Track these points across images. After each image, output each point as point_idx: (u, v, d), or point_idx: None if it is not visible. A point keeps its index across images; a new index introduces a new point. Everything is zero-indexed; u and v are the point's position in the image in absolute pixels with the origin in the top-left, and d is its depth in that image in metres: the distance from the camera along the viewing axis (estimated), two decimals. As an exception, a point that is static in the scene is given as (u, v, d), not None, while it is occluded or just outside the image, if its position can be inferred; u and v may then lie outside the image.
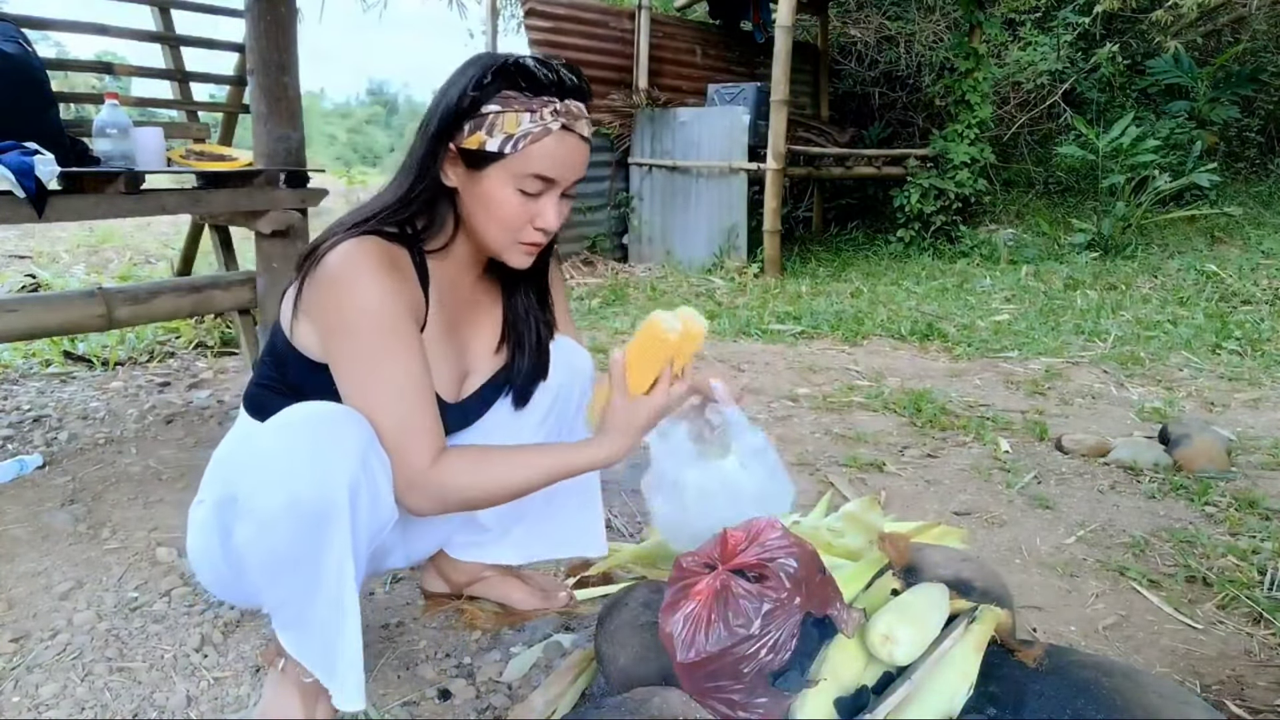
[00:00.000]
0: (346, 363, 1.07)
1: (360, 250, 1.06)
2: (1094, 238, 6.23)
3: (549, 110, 1.07)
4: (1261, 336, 3.86)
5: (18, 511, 1.91)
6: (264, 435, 1.04)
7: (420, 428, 1.06)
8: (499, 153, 1.08)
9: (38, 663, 1.37)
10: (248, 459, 1.05)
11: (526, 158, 1.08)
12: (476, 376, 1.29)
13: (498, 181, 1.09)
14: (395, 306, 1.06)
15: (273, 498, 0.98)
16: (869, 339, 4.01)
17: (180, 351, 3.37)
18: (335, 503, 0.98)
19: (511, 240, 1.14)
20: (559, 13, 6.23)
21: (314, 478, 0.98)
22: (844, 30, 8.97)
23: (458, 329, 1.25)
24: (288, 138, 2.62)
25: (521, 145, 1.07)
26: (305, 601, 1.03)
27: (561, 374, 1.38)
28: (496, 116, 1.07)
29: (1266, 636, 1.50)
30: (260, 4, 2.53)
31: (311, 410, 1.03)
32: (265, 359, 1.22)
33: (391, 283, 1.07)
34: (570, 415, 1.42)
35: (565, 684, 1.27)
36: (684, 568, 1.08)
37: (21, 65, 2.21)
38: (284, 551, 1.00)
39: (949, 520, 1.96)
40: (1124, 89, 8.18)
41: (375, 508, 1.03)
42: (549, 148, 1.08)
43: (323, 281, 1.06)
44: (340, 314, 1.05)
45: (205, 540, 1.18)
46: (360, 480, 1.00)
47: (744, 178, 5.99)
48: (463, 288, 1.24)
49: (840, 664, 1.06)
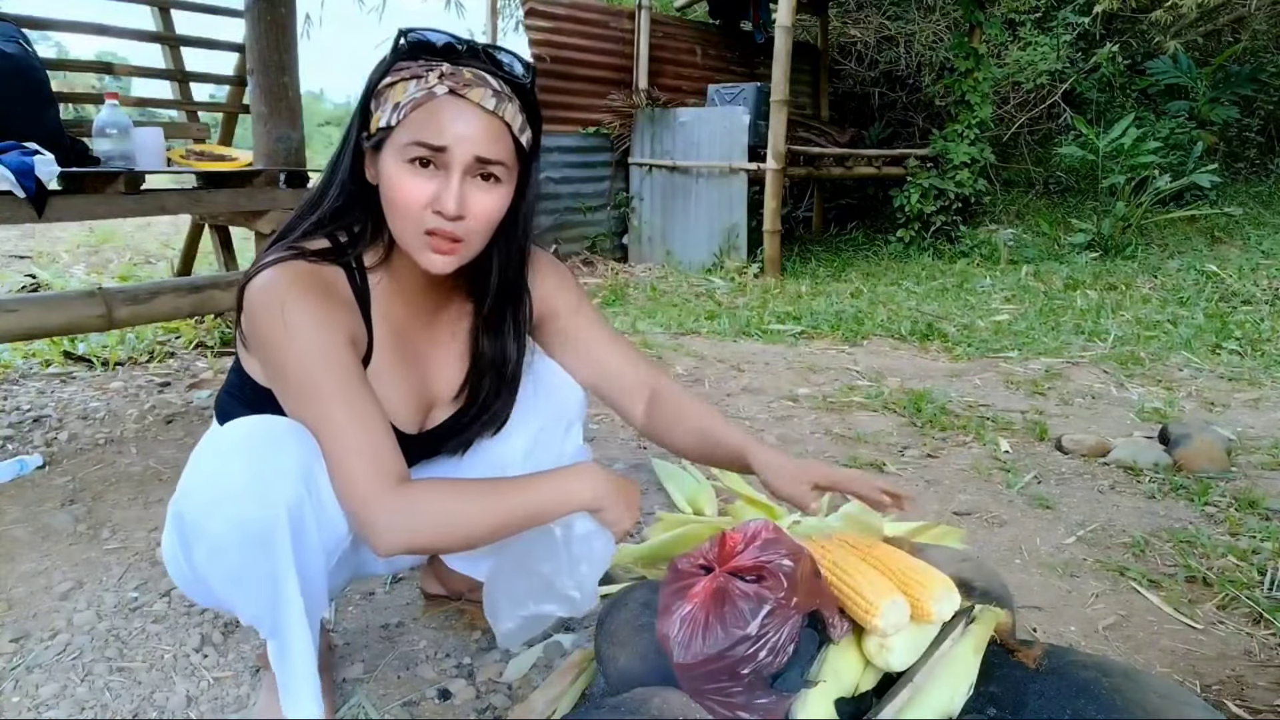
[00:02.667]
0: (284, 399, 1.01)
1: (281, 279, 0.99)
2: (1094, 238, 6.23)
3: (435, 74, 0.97)
4: (1261, 336, 3.86)
5: (18, 511, 1.91)
6: (208, 454, 1.01)
7: (364, 459, 0.96)
8: (389, 126, 0.98)
9: (38, 663, 1.37)
10: (195, 477, 1.01)
11: (408, 124, 0.97)
12: (441, 409, 1.18)
13: (390, 158, 0.99)
14: (324, 336, 0.98)
15: (218, 521, 0.95)
16: (869, 339, 4.01)
17: (180, 351, 3.37)
18: (277, 522, 0.95)
19: (415, 231, 0.99)
20: (559, 13, 6.23)
21: (254, 499, 0.94)
22: (844, 30, 8.98)
23: (416, 353, 1.14)
24: (288, 138, 2.62)
25: (405, 113, 0.97)
26: (271, 613, 1.01)
27: (547, 409, 1.28)
28: (388, 89, 0.99)
29: (1266, 636, 1.50)
30: (260, 4, 2.53)
31: (253, 427, 0.99)
32: (235, 367, 1.17)
33: (317, 310, 0.98)
34: (554, 450, 1.30)
35: (565, 684, 1.27)
36: (679, 570, 1.08)
37: (21, 65, 2.21)
38: (239, 571, 0.98)
39: (949, 520, 1.96)
40: (1124, 89, 8.18)
41: (324, 521, 1.00)
42: (432, 111, 0.96)
43: (250, 313, 1.00)
44: (267, 351, 0.99)
45: (173, 551, 1.13)
46: (303, 497, 0.96)
47: (744, 178, 5.99)
48: (417, 306, 1.13)
49: (840, 665, 1.06)
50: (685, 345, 3.83)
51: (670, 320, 4.39)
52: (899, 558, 1.17)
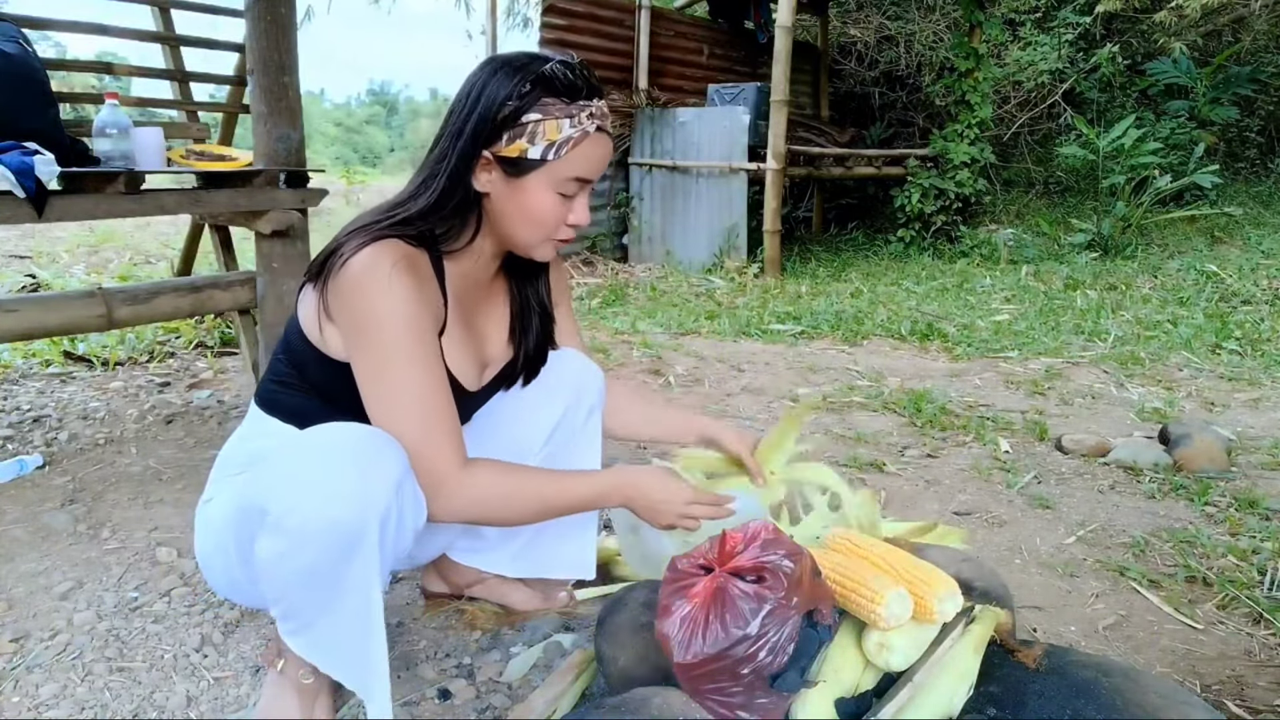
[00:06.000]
0: (369, 366, 1.07)
1: (382, 254, 1.07)
2: (1094, 238, 6.23)
3: (585, 114, 1.12)
4: (1261, 336, 3.86)
5: (18, 511, 1.91)
6: (304, 452, 1.01)
7: (444, 430, 1.08)
8: (541, 159, 1.11)
9: (38, 663, 1.37)
10: (283, 473, 1.01)
11: (569, 163, 1.12)
12: (493, 366, 1.32)
13: (539, 186, 1.13)
14: (418, 310, 1.07)
15: (310, 519, 0.97)
16: (869, 339, 4.01)
17: (180, 351, 3.37)
18: (369, 529, 0.98)
19: (544, 238, 1.18)
20: (578, 10, 6.22)
21: (353, 504, 0.97)
22: (844, 30, 8.98)
23: (474, 321, 1.27)
24: (288, 138, 2.62)
25: (564, 151, 1.11)
26: (318, 614, 1.03)
27: (570, 389, 1.40)
28: (537, 125, 1.10)
29: (1266, 636, 1.50)
30: (260, 4, 2.53)
31: (353, 433, 1.02)
32: (279, 357, 1.22)
33: (414, 287, 1.07)
34: (577, 430, 1.43)
35: (565, 684, 1.27)
36: (679, 570, 1.08)
37: (22, 65, 2.21)
38: (308, 568, 0.99)
39: (949, 520, 1.96)
40: (1124, 89, 8.18)
41: (400, 534, 1.03)
42: (587, 151, 1.13)
43: (345, 285, 1.07)
44: (363, 317, 1.06)
45: (219, 542, 1.17)
46: (393, 508, 1.00)
47: (744, 178, 5.99)
48: (474, 281, 1.26)
49: (840, 665, 1.06)
50: (685, 345, 3.83)
51: (670, 320, 4.39)
52: (901, 557, 1.17)
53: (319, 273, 1.12)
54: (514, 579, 1.56)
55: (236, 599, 1.31)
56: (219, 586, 1.26)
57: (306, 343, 1.16)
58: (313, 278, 1.15)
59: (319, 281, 1.12)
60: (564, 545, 1.49)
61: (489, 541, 1.49)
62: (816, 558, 1.11)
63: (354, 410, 1.10)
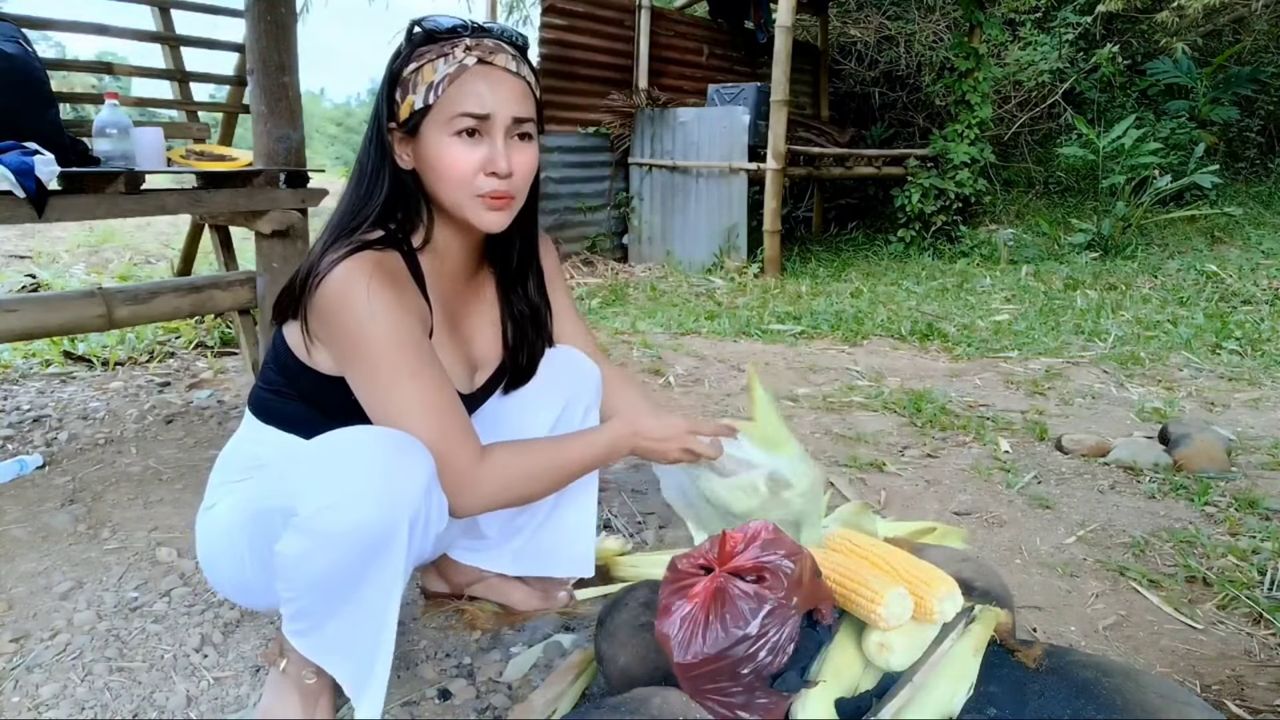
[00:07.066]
0: (369, 385, 1.05)
1: (360, 270, 1.03)
2: (1094, 238, 6.23)
3: (461, 49, 1.06)
4: (1261, 336, 3.86)
5: (18, 511, 1.91)
6: (332, 454, 1.00)
7: (457, 431, 1.06)
8: (426, 106, 1.06)
9: (38, 663, 1.37)
10: (313, 474, 1.00)
11: (450, 99, 1.06)
12: (484, 369, 1.30)
13: (434, 135, 1.07)
14: (404, 320, 1.05)
15: (339, 519, 0.96)
16: (869, 339, 4.01)
17: (180, 351, 3.37)
18: (399, 531, 0.98)
19: (469, 195, 1.09)
20: (578, 10, 6.22)
21: (384, 505, 0.96)
22: (844, 30, 8.98)
23: (459, 323, 1.25)
24: (288, 138, 2.62)
25: (443, 89, 1.06)
26: (331, 615, 1.03)
27: (568, 386, 1.39)
28: (415, 74, 1.07)
29: (1266, 636, 1.50)
30: (260, 4, 2.53)
31: (382, 435, 1.01)
32: (270, 366, 1.20)
33: (395, 297, 1.05)
34: (576, 425, 1.41)
35: (565, 684, 1.27)
36: (679, 569, 1.08)
37: (22, 65, 2.21)
38: (333, 569, 0.98)
39: (949, 520, 1.96)
40: (1124, 89, 8.18)
41: (425, 538, 1.03)
42: (469, 83, 1.06)
43: (326, 309, 1.04)
44: (352, 340, 1.04)
45: (229, 545, 1.16)
46: (420, 511, 1.00)
47: (744, 178, 5.99)
48: (458, 281, 1.24)
49: (840, 665, 1.06)
50: (685, 345, 3.83)
51: (670, 320, 4.39)
52: (902, 557, 1.17)
53: (298, 298, 1.09)
54: (514, 578, 1.56)
55: (243, 601, 1.30)
56: (224, 590, 1.25)
57: (297, 360, 1.15)
58: (293, 307, 1.12)
59: (298, 309, 1.10)
60: (564, 543, 1.49)
61: (489, 540, 1.49)
62: (816, 557, 1.11)
63: (350, 417, 1.08)
